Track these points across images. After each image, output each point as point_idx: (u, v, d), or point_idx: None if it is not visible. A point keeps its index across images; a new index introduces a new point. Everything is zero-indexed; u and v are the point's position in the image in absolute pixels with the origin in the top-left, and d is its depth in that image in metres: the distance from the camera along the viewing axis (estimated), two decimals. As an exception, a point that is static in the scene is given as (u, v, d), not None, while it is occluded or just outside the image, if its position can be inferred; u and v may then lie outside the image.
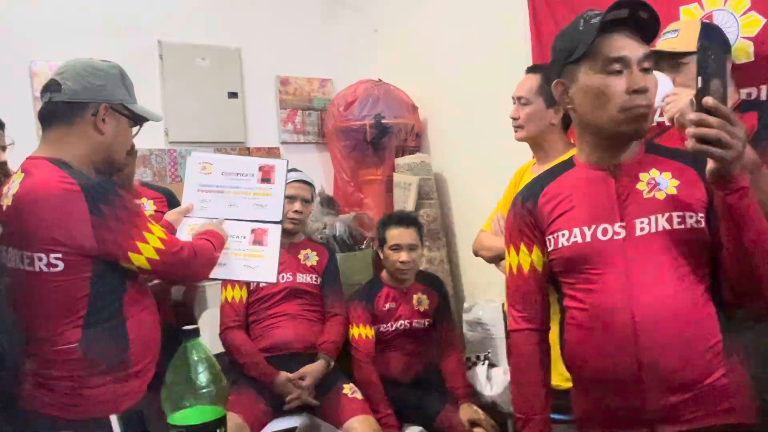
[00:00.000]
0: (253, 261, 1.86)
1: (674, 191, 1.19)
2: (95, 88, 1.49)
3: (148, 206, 2.24)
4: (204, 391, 1.04)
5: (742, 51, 1.89)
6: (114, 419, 1.44)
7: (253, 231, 1.88)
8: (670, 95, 1.67)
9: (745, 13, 1.89)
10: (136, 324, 1.51)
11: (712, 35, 1.71)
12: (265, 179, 1.94)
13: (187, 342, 1.07)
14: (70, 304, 1.42)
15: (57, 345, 1.42)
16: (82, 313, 1.43)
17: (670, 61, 1.77)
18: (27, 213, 1.40)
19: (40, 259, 1.39)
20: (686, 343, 1.13)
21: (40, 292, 1.42)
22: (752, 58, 1.89)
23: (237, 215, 1.88)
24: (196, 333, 1.09)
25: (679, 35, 1.78)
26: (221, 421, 1.04)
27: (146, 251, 1.46)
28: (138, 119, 1.61)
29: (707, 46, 1.15)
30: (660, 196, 1.19)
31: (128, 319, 1.49)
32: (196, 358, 1.06)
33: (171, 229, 1.84)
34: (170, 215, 1.89)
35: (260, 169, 1.94)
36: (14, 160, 1.64)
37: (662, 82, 1.36)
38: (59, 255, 1.39)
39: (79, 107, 1.48)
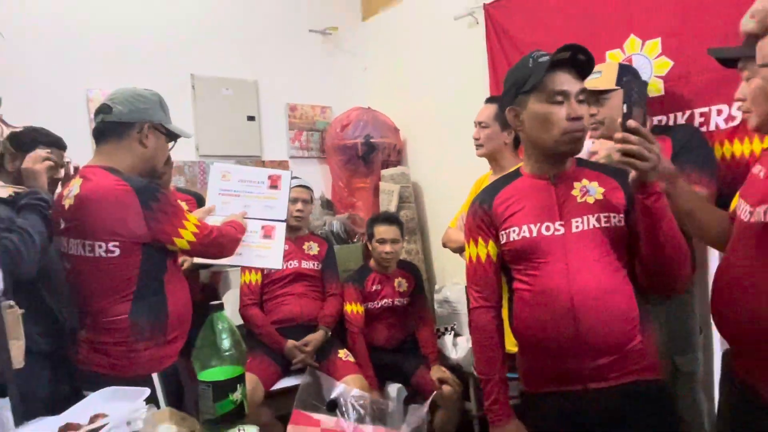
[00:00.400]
0: (263, 251, 1.88)
1: (601, 197, 1.22)
2: (140, 110, 1.50)
3: (183, 206, 2.23)
4: (227, 354, 1.04)
5: (655, 87, 1.92)
6: (155, 376, 1.44)
7: (263, 227, 1.90)
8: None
9: (657, 56, 1.92)
10: (173, 299, 1.51)
11: (628, 74, 1.74)
12: (273, 186, 1.96)
13: (214, 314, 1.07)
14: (123, 282, 1.43)
15: (110, 316, 1.42)
16: (132, 289, 1.44)
17: (594, 96, 1.79)
18: (89, 210, 1.40)
19: (100, 247, 1.40)
20: (612, 316, 1.14)
21: (98, 273, 1.42)
22: (663, 93, 1.92)
23: (250, 214, 1.89)
24: (221, 307, 1.08)
25: (602, 76, 1.80)
26: (240, 378, 1.04)
27: (186, 236, 1.49)
28: (173, 136, 1.61)
29: (631, 81, 1.19)
30: (590, 200, 1.21)
31: (167, 295, 1.50)
32: (220, 327, 1.06)
33: None
34: (197, 213, 1.89)
35: (269, 178, 1.96)
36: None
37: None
38: (117, 243, 1.40)
39: (128, 126, 1.48)
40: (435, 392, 2.39)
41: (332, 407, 0.66)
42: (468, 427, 2.54)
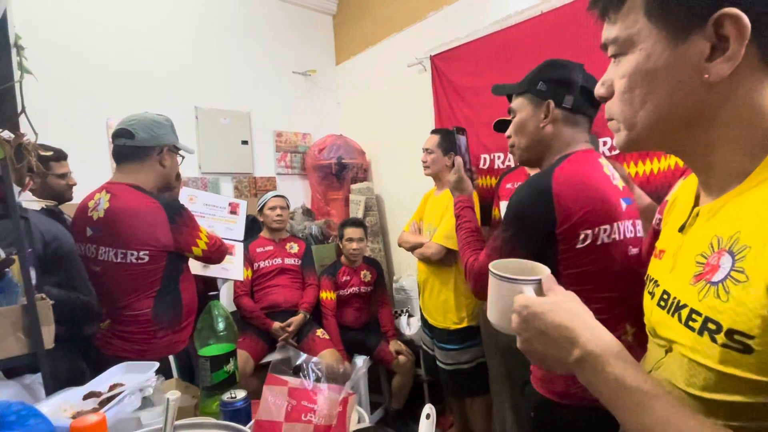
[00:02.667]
0: (227, 265, 1.86)
1: None
2: (159, 136, 1.47)
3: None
4: (222, 334, 1.06)
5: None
6: (171, 358, 1.45)
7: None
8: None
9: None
10: (185, 294, 1.49)
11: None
12: (233, 212, 1.94)
13: (211, 302, 1.09)
14: (149, 283, 1.41)
15: (135, 310, 1.39)
16: (156, 288, 1.41)
17: None
18: (123, 223, 1.36)
19: (132, 255, 1.36)
20: None
21: (127, 275, 1.38)
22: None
23: (215, 233, 1.86)
24: (217, 297, 1.11)
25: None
26: (232, 353, 1.07)
27: (201, 245, 1.50)
28: (181, 154, 1.60)
29: (459, 129, 1.33)
30: None
31: (181, 292, 1.48)
32: (216, 313, 1.08)
33: None
34: None
35: (229, 204, 1.94)
36: (85, 190, 1.59)
37: None
38: (147, 251, 1.37)
39: (149, 149, 1.45)
40: (393, 361, 2.46)
41: (297, 371, 0.71)
42: (419, 389, 2.60)
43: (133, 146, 1.44)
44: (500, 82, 2.30)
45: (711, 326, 0.43)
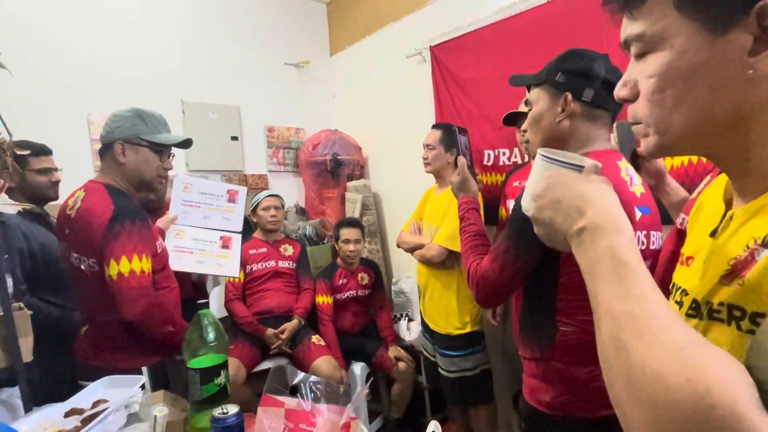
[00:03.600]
0: (222, 260, 1.77)
1: None
2: (113, 130, 1.39)
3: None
4: (212, 344, 1.04)
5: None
6: (144, 370, 1.33)
7: (221, 238, 1.80)
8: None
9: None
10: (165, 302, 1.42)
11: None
12: (231, 200, 1.85)
13: (201, 311, 1.08)
14: (108, 294, 1.30)
15: (104, 316, 1.34)
16: None
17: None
18: (82, 225, 1.33)
19: (84, 261, 1.33)
20: None
21: (91, 282, 1.34)
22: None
23: (210, 225, 1.79)
24: (207, 305, 1.08)
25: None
26: (223, 365, 1.05)
27: (123, 267, 1.27)
28: (159, 146, 1.44)
29: (461, 129, 1.33)
30: None
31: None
32: (206, 322, 1.06)
33: (161, 233, 1.72)
34: (161, 222, 1.76)
35: (228, 192, 1.85)
36: (68, 189, 1.56)
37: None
38: (95, 260, 1.32)
39: (108, 146, 1.40)
40: (393, 368, 2.45)
41: (294, 391, 0.69)
42: (420, 397, 2.59)
43: (102, 144, 1.42)
44: (503, 74, 2.30)
45: (736, 313, 0.42)
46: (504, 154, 2.29)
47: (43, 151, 1.81)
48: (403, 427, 2.55)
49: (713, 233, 0.52)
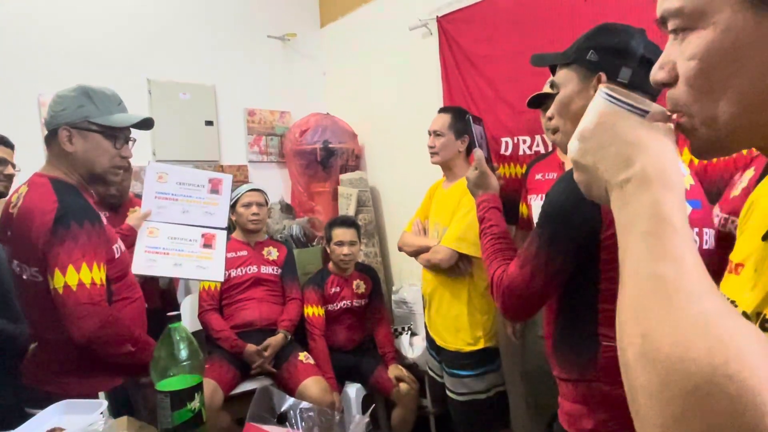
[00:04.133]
0: (204, 262, 1.75)
1: None
2: (58, 114, 1.35)
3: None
4: (185, 363, 1.05)
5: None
6: (101, 395, 1.29)
7: (203, 235, 1.77)
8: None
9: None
10: (122, 315, 1.38)
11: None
12: (214, 190, 1.82)
13: (171, 325, 1.07)
14: (55, 308, 1.27)
15: (53, 333, 1.31)
16: None
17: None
18: (21, 228, 1.29)
19: (26, 270, 1.30)
20: None
21: (35, 294, 1.31)
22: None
23: (189, 221, 1.76)
24: (178, 318, 1.08)
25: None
26: (198, 387, 1.05)
27: (70, 278, 1.23)
28: (113, 130, 1.38)
29: (475, 118, 1.33)
30: None
31: (116, 311, 1.36)
32: (178, 338, 1.06)
33: (132, 232, 1.73)
34: (131, 219, 1.78)
35: (210, 181, 1.82)
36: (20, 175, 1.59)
37: None
38: (36, 268, 1.29)
39: (53, 133, 1.36)
40: (393, 390, 2.45)
41: (282, 420, 0.69)
42: (424, 423, 2.59)
43: (48, 131, 1.38)
44: (523, 50, 2.30)
45: None
46: (524, 142, 2.28)
47: (2, 141, 1.83)
48: (405, 459, 2.56)
49: (766, 236, 0.52)
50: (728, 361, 0.35)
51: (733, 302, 0.56)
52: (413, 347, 2.69)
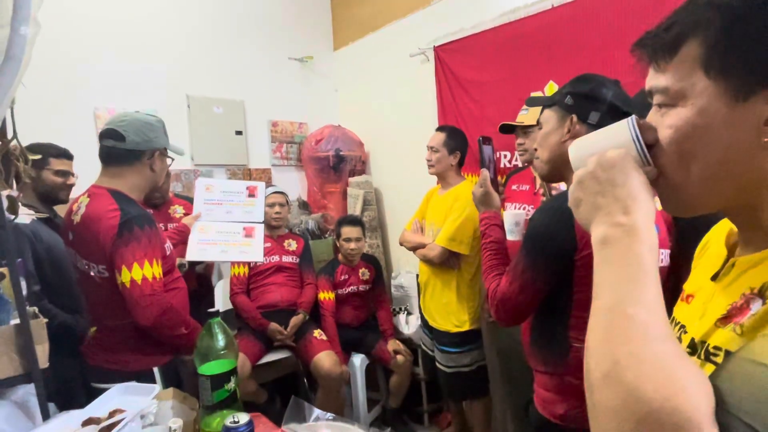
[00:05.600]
0: (245, 248, 1.87)
1: None
2: (151, 140, 1.40)
3: (179, 210, 2.17)
4: (222, 352, 1.05)
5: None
6: (156, 370, 1.38)
7: (244, 228, 1.90)
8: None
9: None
10: (172, 303, 1.39)
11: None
12: (251, 195, 1.96)
13: (211, 320, 1.08)
14: (120, 298, 1.30)
15: (115, 320, 1.34)
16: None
17: (522, 130, 1.87)
18: (88, 231, 1.30)
19: (94, 267, 1.31)
20: None
21: (100, 287, 1.33)
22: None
23: (232, 218, 1.90)
24: (216, 314, 1.09)
25: (528, 113, 1.88)
26: (233, 371, 1.06)
27: (135, 273, 1.27)
28: (171, 156, 1.53)
29: (485, 139, 1.30)
30: None
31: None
32: (216, 330, 1.07)
33: (186, 230, 1.79)
34: (186, 220, 1.84)
35: (247, 188, 1.97)
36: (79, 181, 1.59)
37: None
38: (104, 266, 1.31)
39: (140, 154, 1.38)
40: (391, 361, 2.48)
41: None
42: (417, 388, 2.63)
43: (122, 149, 1.37)
44: (506, 78, 2.27)
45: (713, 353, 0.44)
46: (505, 156, 2.28)
47: (65, 154, 1.82)
48: (400, 416, 2.59)
49: (714, 277, 0.53)
50: (677, 395, 0.37)
51: (683, 326, 0.57)
52: (408, 324, 2.71)
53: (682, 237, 1.00)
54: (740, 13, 0.43)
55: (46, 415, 0.96)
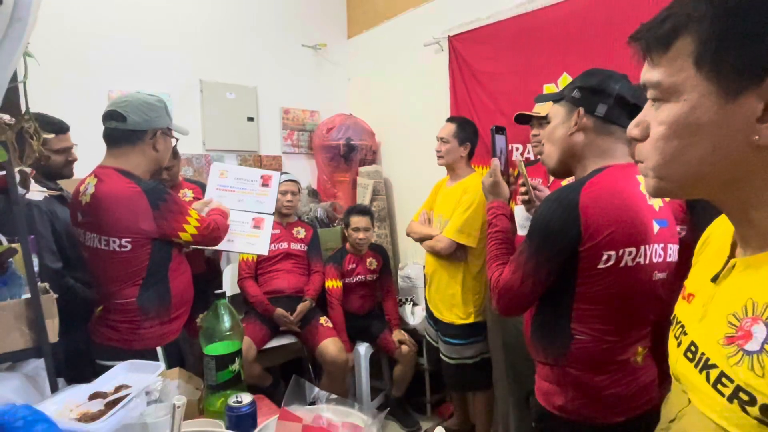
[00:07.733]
0: (252, 239, 1.84)
1: None
2: (152, 119, 1.42)
3: (189, 194, 2.18)
4: (227, 333, 1.07)
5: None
6: (159, 349, 1.42)
7: (253, 219, 1.87)
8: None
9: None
10: (176, 284, 1.46)
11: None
12: (265, 184, 1.92)
13: (217, 301, 1.09)
14: (134, 272, 1.38)
15: (120, 298, 1.38)
16: (142, 277, 1.39)
17: (538, 120, 1.84)
18: (105, 210, 1.33)
19: (114, 242, 1.34)
20: None
21: (112, 263, 1.37)
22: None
23: (243, 207, 1.86)
24: (223, 295, 1.10)
25: (545, 104, 1.84)
26: (238, 352, 1.07)
27: (189, 229, 1.46)
28: (175, 136, 1.55)
29: (499, 128, 1.27)
30: None
31: (170, 281, 1.45)
32: (222, 312, 1.08)
33: None
34: (196, 205, 1.80)
35: (262, 177, 1.93)
36: (86, 165, 1.56)
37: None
38: (129, 239, 1.35)
39: (142, 133, 1.41)
40: (396, 350, 2.49)
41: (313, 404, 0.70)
42: (420, 378, 2.64)
43: (124, 130, 1.39)
44: (521, 70, 2.23)
45: (743, 396, 0.43)
46: (517, 149, 2.25)
47: (61, 128, 1.75)
48: (403, 405, 2.60)
49: (715, 278, 0.53)
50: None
51: (683, 328, 0.56)
52: (414, 315, 2.71)
53: (698, 228, 0.98)
54: (732, 7, 0.42)
55: (54, 388, 0.98)
